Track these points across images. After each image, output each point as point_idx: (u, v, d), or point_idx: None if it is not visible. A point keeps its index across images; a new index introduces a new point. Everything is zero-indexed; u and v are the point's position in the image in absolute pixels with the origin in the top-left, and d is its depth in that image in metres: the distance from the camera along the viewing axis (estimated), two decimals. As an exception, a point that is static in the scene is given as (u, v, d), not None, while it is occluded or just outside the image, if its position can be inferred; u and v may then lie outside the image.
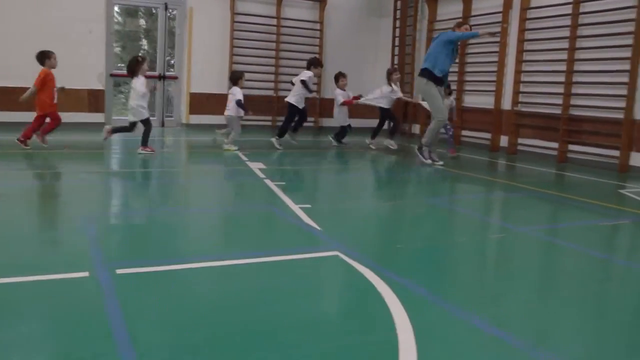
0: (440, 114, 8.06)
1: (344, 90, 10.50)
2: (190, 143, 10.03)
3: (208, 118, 12.33)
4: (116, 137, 8.62)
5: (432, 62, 8.01)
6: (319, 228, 4.39)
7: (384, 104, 10.13)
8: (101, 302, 2.74)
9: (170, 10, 12.33)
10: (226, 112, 8.93)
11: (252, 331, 2.54)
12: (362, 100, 10.34)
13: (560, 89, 9.66)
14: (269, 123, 13.11)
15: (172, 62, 12.71)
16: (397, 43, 13.82)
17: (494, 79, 11.05)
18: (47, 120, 8.09)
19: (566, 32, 9.61)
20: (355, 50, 13.97)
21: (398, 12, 13.81)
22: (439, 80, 8.05)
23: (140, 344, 2.34)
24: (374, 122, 10.50)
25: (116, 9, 12.56)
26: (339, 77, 10.60)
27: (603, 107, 9.08)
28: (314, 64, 10.05)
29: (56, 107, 8.10)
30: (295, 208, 5.02)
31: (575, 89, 9.58)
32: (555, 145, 9.77)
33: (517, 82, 10.56)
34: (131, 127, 8.10)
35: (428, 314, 2.84)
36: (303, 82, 9.54)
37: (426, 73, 8.04)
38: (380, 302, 2.93)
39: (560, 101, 9.64)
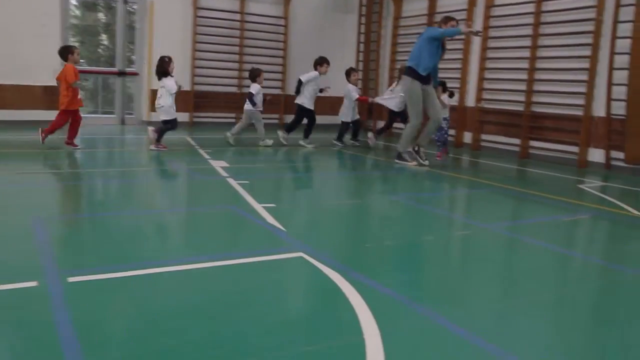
0: (415, 119, 7.77)
1: (357, 85, 10.25)
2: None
3: (171, 115, 12.09)
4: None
5: (416, 60, 7.69)
6: (283, 228, 4.29)
7: (394, 106, 9.81)
8: (50, 314, 2.58)
9: (130, 4, 12.04)
10: (245, 107, 9.55)
11: (215, 338, 2.44)
12: (377, 100, 10.13)
13: (523, 86, 9.76)
14: (232, 120, 12.93)
15: (133, 57, 12.41)
16: (362, 40, 13.80)
17: (459, 76, 11.11)
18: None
19: (529, 31, 9.71)
20: (321, 47, 13.83)
21: (363, 9, 13.79)
22: (425, 79, 7.73)
23: (93, 359, 2.22)
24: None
25: (73, 2, 12.20)
26: (351, 72, 10.31)
27: (563, 105, 9.21)
28: (319, 62, 9.93)
29: (79, 103, 8.06)
30: (259, 207, 4.92)
31: (537, 87, 9.69)
32: (517, 141, 9.88)
33: (481, 79, 10.64)
34: (171, 124, 8.46)
35: (395, 316, 2.78)
36: (299, 80, 9.89)
37: (411, 71, 7.73)
38: (346, 304, 2.86)
39: (522, 98, 9.75)
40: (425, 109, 7.82)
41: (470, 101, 10.89)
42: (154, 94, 11.91)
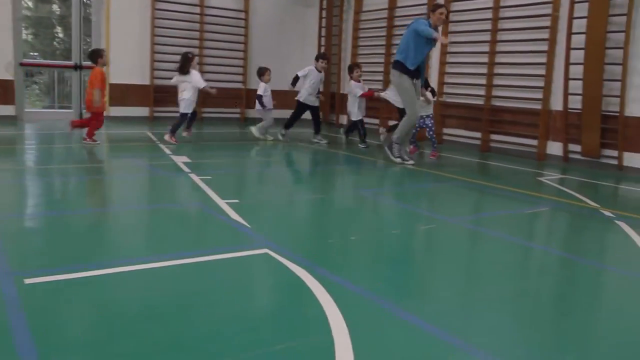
0: (411, 112, 7.49)
1: (360, 82, 9.67)
2: (111, 137, 9.59)
3: (130, 110, 11.87)
4: (28, 130, 8.11)
5: (403, 54, 7.40)
6: (247, 225, 4.24)
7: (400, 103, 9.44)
8: (5, 318, 2.48)
9: (86, -4, 11.76)
10: (256, 107, 9.78)
11: (180, 339, 2.38)
12: (382, 95, 9.42)
13: (483, 81, 9.89)
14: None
15: (89, 50, 12.10)
16: (323, 33, 13.77)
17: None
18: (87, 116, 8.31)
19: (488, 25, 9.84)
20: (282, 41, 13.81)
21: (324, 2, 13.75)
22: (414, 73, 7.47)
23: (54, 360, 2.15)
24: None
25: (26, -7, 11.84)
26: (354, 68, 9.69)
27: (522, 98, 9.38)
28: (316, 57, 9.83)
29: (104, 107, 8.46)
30: (222, 203, 4.85)
31: (496, 81, 9.84)
32: (478, 135, 10.01)
33: (442, 73, 10.74)
34: (192, 116, 8.86)
35: (363, 312, 2.77)
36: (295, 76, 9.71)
37: (399, 65, 7.46)
38: (313, 301, 2.83)
39: (483, 92, 9.88)
40: None
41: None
42: (113, 87, 11.71)
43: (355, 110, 9.53)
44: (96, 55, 8.21)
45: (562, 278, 3.65)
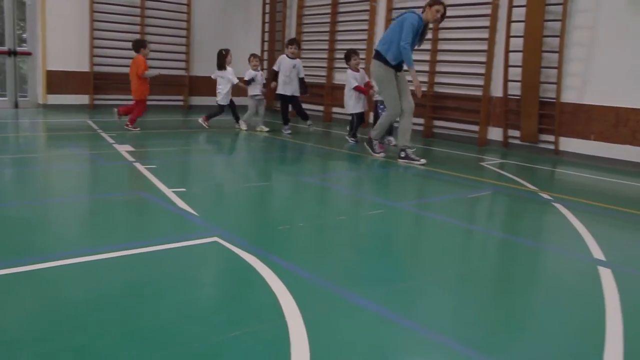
0: (392, 107, 7.03)
1: (358, 71, 8.80)
2: (50, 126, 9.28)
3: (68, 98, 11.50)
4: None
5: (386, 45, 6.85)
6: (195, 213, 4.21)
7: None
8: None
9: (19, -21, 11.27)
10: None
11: (132, 331, 2.36)
12: (376, 97, 8.51)
13: (426, 67, 10.06)
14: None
15: (24, 36, 11.63)
16: (267, 20, 13.66)
17: (364, 57, 11.26)
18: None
19: (430, 12, 9.99)
20: (225, 28, 13.63)
21: (267, -12, 13.64)
22: (397, 67, 6.96)
23: None
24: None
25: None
26: (351, 55, 8.76)
27: (464, 85, 9.60)
28: (285, 43, 9.60)
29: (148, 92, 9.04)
30: (169, 192, 4.80)
31: (439, 68, 10.02)
32: (421, 121, 10.19)
33: (385, 60, 10.84)
34: (220, 110, 9.48)
35: (315, 298, 2.80)
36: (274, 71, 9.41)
37: (379, 56, 6.92)
38: (265, 288, 2.85)
39: (426, 79, 10.05)
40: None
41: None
42: (50, 75, 11.31)
43: (351, 103, 8.75)
44: (139, 45, 8.94)
45: (504, 259, 3.79)
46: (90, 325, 2.39)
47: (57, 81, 11.44)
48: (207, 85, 13.30)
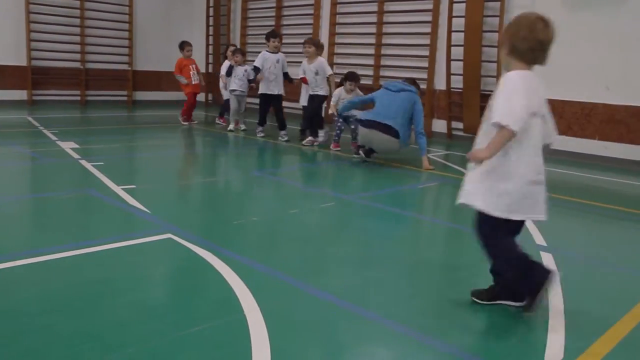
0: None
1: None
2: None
3: (5, 93, 11.10)
4: None
5: (398, 127, 6.36)
6: (147, 210, 4.18)
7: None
8: None
9: (-51, -30, 10.78)
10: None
11: (89, 331, 2.34)
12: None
13: (371, 61, 10.20)
14: (77, 98, 12.17)
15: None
16: (211, 14, 13.53)
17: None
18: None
19: (374, 7, 10.14)
20: (168, 22, 13.44)
21: (211, -18, 13.50)
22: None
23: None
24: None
25: None
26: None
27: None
28: (266, 36, 8.42)
29: (196, 87, 9.55)
30: (118, 189, 4.74)
31: (383, 61, 10.18)
32: (368, 114, 10.34)
33: (332, 53, 10.94)
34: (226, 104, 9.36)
35: (271, 290, 2.85)
36: (255, 68, 8.28)
37: (397, 135, 6.37)
38: (222, 282, 2.88)
39: (371, 72, 10.19)
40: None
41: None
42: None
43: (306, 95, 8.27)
44: (179, 46, 9.65)
45: (453, 247, 3.93)
46: (44, 326, 2.36)
47: (-7, 76, 11.04)
48: (152, 80, 13.12)
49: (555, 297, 2.91)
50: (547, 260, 3.50)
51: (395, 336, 2.46)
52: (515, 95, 2.49)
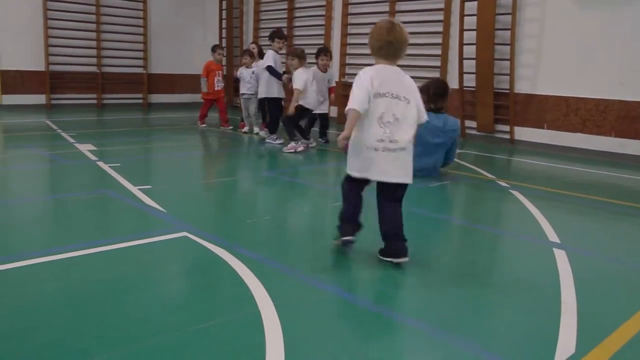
0: None
1: (325, 71, 8.06)
2: (6, 127, 9.09)
3: (24, 98, 11.28)
4: None
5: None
6: (162, 209, 4.25)
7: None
8: None
9: (-32, -23, 10.98)
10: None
11: (106, 325, 2.41)
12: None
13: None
14: (94, 101, 12.33)
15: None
16: (224, 16, 13.63)
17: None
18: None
19: (386, 7, 10.17)
20: (182, 24, 13.56)
21: (224, -16, 13.61)
22: None
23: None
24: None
25: None
26: (319, 52, 8.14)
27: (421, 78, 9.76)
28: (272, 36, 8.21)
29: (217, 94, 9.43)
30: (135, 190, 4.82)
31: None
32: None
33: (343, 54, 11.00)
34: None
35: (284, 286, 2.90)
36: (269, 68, 7.98)
37: None
38: (237, 278, 2.94)
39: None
40: None
41: (335, 76, 11.22)
42: (4, 75, 11.07)
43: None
44: (212, 49, 9.59)
45: (466, 244, 3.95)
46: (66, 320, 2.44)
47: (12, 81, 11.22)
48: (166, 83, 13.27)
49: (567, 293, 2.93)
50: (561, 257, 3.52)
51: (406, 330, 2.50)
52: (357, 86, 3.19)
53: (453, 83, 9.37)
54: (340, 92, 11.00)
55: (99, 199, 4.73)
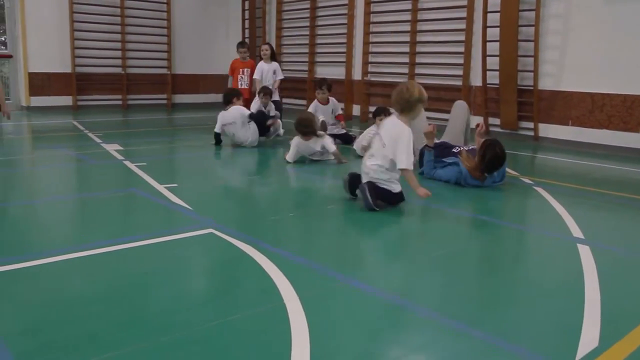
0: None
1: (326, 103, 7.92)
2: (35, 127, 9.29)
3: (52, 99, 11.51)
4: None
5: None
6: (188, 207, 4.33)
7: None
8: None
9: (-3, -19, 11.23)
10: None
11: (139, 317, 2.49)
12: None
13: (406, 59, 10.22)
14: (119, 102, 12.52)
15: (4, 39, 11.61)
16: (247, 16, 13.73)
17: (344, 50, 11.41)
18: None
19: (408, 5, 10.16)
20: (205, 25, 13.70)
21: (246, -16, 13.70)
22: None
23: (19, 348, 2.21)
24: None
25: None
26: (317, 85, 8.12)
27: (444, 75, 9.78)
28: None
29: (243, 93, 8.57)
30: (161, 188, 4.91)
31: (418, 59, 10.19)
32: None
33: (366, 53, 11.00)
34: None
35: (310, 280, 2.95)
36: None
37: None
38: (262, 273, 2.99)
39: (406, 70, 10.21)
40: None
41: (357, 75, 11.25)
42: (32, 77, 11.31)
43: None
44: (236, 48, 9.34)
45: (490, 240, 3.96)
46: (98, 314, 2.51)
47: (40, 83, 11.44)
48: (190, 83, 13.42)
49: (591, 287, 2.93)
50: (585, 252, 3.51)
51: (431, 324, 2.52)
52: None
53: (476, 80, 9.34)
54: (363, 91, 11.05)
55: (126, 197, 4.83)
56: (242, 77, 9.35)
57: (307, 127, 6.29)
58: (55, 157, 6.65)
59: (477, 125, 5.79)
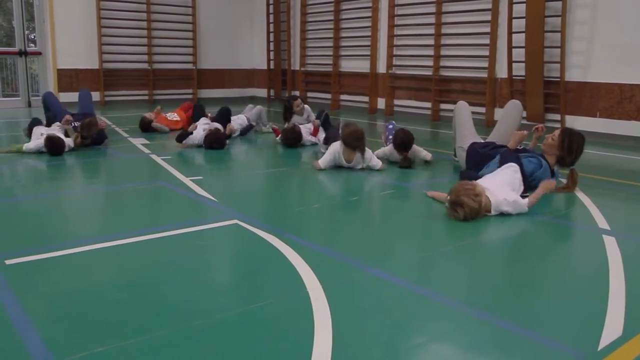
0: None
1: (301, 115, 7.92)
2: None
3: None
4: None
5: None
6: (214, 199, 4.39)
7: None
8: (-4, 293, 2.60)
9: (26, -20, 11.44)
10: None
11: (163, 305, 2.54)
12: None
13: (430, 52, 10.17)
14: (145, 97, 12.68)
15: (33, 36, 11.84)
16: (271, 11, 13.78)
17: (369, 43, 11.39)
18: None
19: (433, -3, 10.11)
20: (230, 20, 13.79)
21: (270, -21, 13.75)
22: None
23: (47, 333, 2.28)
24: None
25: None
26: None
27: (469, 68, 9.71)
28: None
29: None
30: (186, 180, 4.98)
31: (443, 52, 10.13)
32: (428, 105, 10.33)
33: (391, 46, 10.97)
34: None
35: (332, 270, 2.98)
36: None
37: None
38: (286, 263, 3.03)
39: (430, 63, 10.16)
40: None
41: (382, 68, 11.23)
42: (61, 74, 11.52)
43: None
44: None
45: (515, 230, 3.94)
46: (125, 300, 2.58)
47: (68, 79, 11.65)
48: (215, 78, 13.53)
49: (616, 278, 2.91)
50: (610, 243, 3.48)
51: (453, 312, 2.54)
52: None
53: (502, 72, 9.25)
54: (388, 84, 11.02)
55: (154, 189, 4.92)
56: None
57: (359, 141, 5.72)
58: (85, 151, 6.76)
59: (535, 129, 5.58)
